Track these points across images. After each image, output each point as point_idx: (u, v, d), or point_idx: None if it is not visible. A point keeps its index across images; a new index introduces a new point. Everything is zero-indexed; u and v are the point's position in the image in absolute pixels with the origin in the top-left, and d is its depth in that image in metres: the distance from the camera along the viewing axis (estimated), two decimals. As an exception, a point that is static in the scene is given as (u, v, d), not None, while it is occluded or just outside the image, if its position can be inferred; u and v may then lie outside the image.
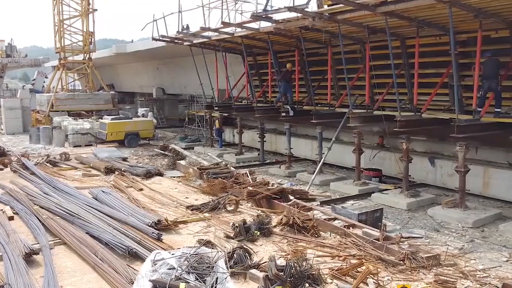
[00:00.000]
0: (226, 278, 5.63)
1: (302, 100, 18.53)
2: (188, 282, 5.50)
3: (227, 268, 6.35)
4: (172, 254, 6.16)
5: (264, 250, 8.71)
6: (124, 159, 18.79)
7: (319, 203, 12.76)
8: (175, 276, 5.57)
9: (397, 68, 15.20)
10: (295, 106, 17.41)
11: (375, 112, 14.70)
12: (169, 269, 5.72)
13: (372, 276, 7.02)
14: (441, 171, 14.32)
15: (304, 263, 6.65)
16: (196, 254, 6.06)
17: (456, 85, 11.27)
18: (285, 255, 8.21)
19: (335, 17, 12.99)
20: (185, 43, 21.12)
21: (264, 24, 15.61)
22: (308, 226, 9.40)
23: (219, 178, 14.40)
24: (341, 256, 8.09)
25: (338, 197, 13.67)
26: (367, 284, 6.96)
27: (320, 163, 15.02)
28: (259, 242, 9.13)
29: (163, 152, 20.26)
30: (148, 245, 8.37)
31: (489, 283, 7.67)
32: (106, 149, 21.46)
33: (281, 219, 9.86)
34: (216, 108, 21.59)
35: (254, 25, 16.02)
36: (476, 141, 12.80)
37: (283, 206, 11.63)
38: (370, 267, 7.01)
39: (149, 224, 9.39)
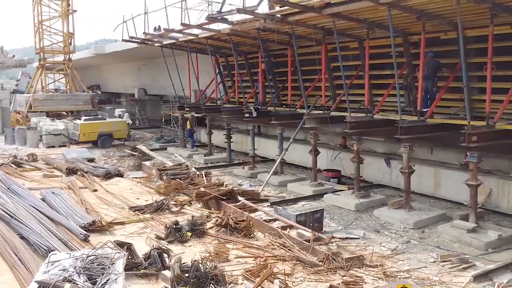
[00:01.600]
0: (116, 279, 5.66)
1: (269, 100, 18.60)
2: (76, 283, 5.54)
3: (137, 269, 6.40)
4: (71, 255, 6.19)
5: (191, 251, 8.75)
6: (91, 160, 18.82)
7: (269, 204, 12.82)
8: (64, 277, 5.61)
9: (356, 69, 15.35)
10: (259, 107, 17.44)
11: (332, 113, 14.78)
12: (61, 270, 5.75)
13: (278, 277, 7.05)
14: (396, 172, 14.30)
15: (209, 264, 6.67)
16: (93, 255, 6.10)
17: (397, 85, 11.32)
18: (207, 256, 8.24)
19: (287, 19, 13.06)
20: (156, 44, 21.20)
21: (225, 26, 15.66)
22: (240, 227, 9.42)
23: (177, 179, 14.47)
24: (262, 257, 8.12)
25: (292, 197, 13.71)
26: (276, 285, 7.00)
27: (276, 164, 15.07)
28: (190, 243, 9.17)
29: (133, 152, 20.29)
30: (73, 246, 8.40)
31: (406, 284, 7.70)
32: (77, 150, 21.52)
33: (217, 220, 9.90)
34: (187, 108, 21.64)
35: (216, 26, 16.07)
36: (431, 142, 12.85)
37: (230, 207, 11.66)
38: (273, 268, 7.04)
39: (83, 225, 9.43)
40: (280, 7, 12.39)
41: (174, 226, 9.20)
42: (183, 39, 18.93)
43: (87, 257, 6.04)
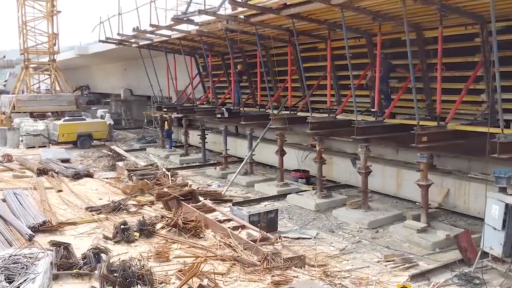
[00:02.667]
0: (34, 279, 5.71)
1: (247, 101, 18.67)
2: (-11, 282, 5.60)
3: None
4: (-4, 255, 6.26)
5: (135, 251, 8.79)
6: (66, 161, 18.86)
7: (231, 204, 12.87)
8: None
9: (324, 70, 15.40)
10: (231, 107, 17.49)
11: (299, 113, 14.83)
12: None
13: (208, 276, 7.10)
14: (362, 172, 14.40)
15: (138, 264, 6.73)
16: (17, 255, 6.15)
17: (353, 86, 11.39)
18: (148, 256, 8.30)
19: (249, 20, 13.10)
20: (133, 45, 21.27)
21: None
22: (189, 227, 9.47)
23: (144, 179, 14.54)
24: (202, 257, 8.18)
25: (257, 198, 13.77)
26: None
27: (241, 165, 15.12)
28: (136, 243, 9.23)
29: (109, 153, 20.36)
30: (18, 246, 8.44)
31: (340, 284, 7.76)
32: (55, 150, 21.55)
33: (167, 220, 9.95)
34: (165, 109, 21.70)
35: (186, 27, 16.12)
36: (386, 141, 12.92)
37: (188, 207, 11.71)
38: (200, 268, 7.09)
39: (32, 226, 9.48)
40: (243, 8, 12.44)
41: (122, 226, 9.25)
42: (158, 40, 19.00)
43: (9, 256, 6.09)
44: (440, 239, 9.55)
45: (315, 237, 10.33)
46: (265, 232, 9.52)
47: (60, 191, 13.78)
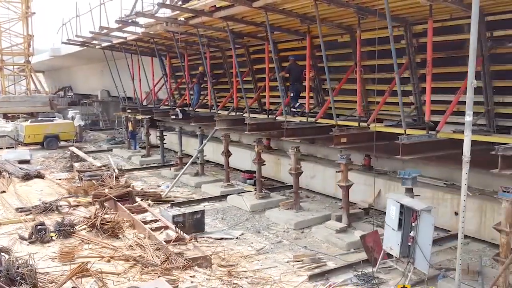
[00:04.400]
0: None
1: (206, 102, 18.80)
2: None
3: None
4: None
5: (46, 251, 8.90)
6: (25, 162, 18.94)
7: (169, 205, 12.98)
8: None
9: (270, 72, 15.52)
10: (185, 108, 17.61)
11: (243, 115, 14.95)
12: None
13: (96, 275, 7.21)
14: (306, 173, 14.47)
15: (20, 263, 6.84)
16: None
17: (280, 87, 11.53)
18: (54, 257, 8.41)
19: (188, 22, 13.21)
20: (97, 47, 21.38)
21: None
22: (107, 227, 9.58)
23: (92, 180, 14.64)
24: (105, 257, 8.28)
25: (199, 198, 13.86)
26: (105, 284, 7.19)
27: (187, 165, 15.22)
28: (51, 244, 9.32)
29: (71, 154, 20.44)
30: None
31: (237, 284, 7.86)
32: (20, 151, 21.64)
33: (88, 221, 10.06)
34: (129, 110, 21.82)
35: (134, 29, 16.23)
36: (313, 142, 13.08)
37: (122, 208, 11.82)
38: (84, 267, 7.20)
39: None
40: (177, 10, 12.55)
41: (39, 226, 9.34)
42: (116, 42, 19.11)
43: None
44: (355, 240, 9.63)
45: (237, 238, 10.42)
46: (182, 233, 9.62)
47: (4, 192, 13.87)
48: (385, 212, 11.72)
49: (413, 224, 7.68)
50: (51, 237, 9.35)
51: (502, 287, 7.13)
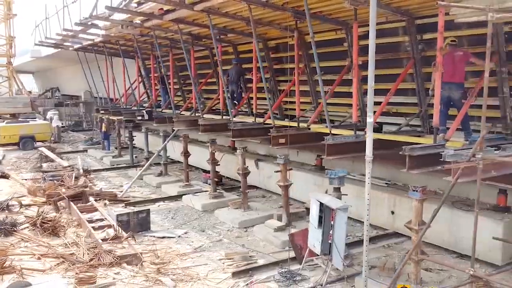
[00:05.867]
0: None
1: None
2: None
3: None
4: None
5: (-17, 250, 9.11)
6: (-5, 162, 19.20)
7: (123, 205, 13.19)
8: None
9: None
10: (152, 110, 17.83)
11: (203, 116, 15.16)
12: None
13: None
14: (263, 173, 14.71)
15: None
16: None
17: (192, 87, 11.74)
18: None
19: (143, 25, 13.44)
20: (70, 48, 21.64)
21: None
22: (47, 226, 9.80)
23: (54, 181, 14.87)
24: (35, 255, 8.50)
25: (155, 198, 14.07)
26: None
27: (146, 165, 15.43)
28: (-10, 242, 9.54)
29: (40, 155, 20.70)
30: None
31: (160, 280, 8.06)
32: (-6, 151, 21.90)
33: (30, 219, 10.27)
34: (102, 111, 22.04)
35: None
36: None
37: (73, 207, 12.03)
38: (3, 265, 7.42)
39: None
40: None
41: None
42: (86, 43, 19.35)
43: None
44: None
45: (179, 236, 10.63)
46: (120, 231, 9.84)
47: (-38, 191, 14.09)
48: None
49: (332, 222, 7.90)
50: (-9, 235, 9.55)
51: (414, 283, 7.37)
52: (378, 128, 11.16)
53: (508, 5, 5.87)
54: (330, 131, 9.10)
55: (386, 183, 11.27)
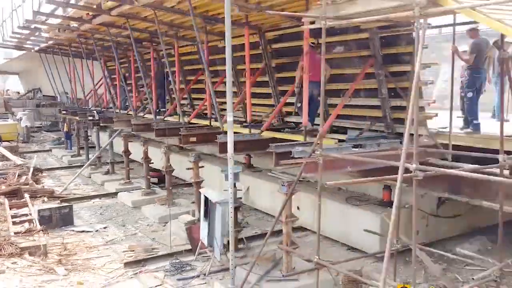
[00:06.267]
0: None
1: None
2: None
3: None
4: None
5: None
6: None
7: (59, 201, 13.70)
8: None
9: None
10: (101, 110, 18.37)
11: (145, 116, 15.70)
12: None
13: None
14: (202, 171, 15.15)
15: None
16: None
17: (122, 86, 12.27)
18: None
19: (80, 28, 13.96)
20: (34, 50, 22.20)
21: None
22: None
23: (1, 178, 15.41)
24: None
25: (93, 195, 14.58)
26: None
27: (87, 164, 15.94)
28: None
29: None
30: None
31: (53, 270, 8.57)
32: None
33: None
34: (64, 112, 22.58)
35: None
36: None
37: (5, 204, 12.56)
38: None
39: None
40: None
41: None
42: (44, 45, 19.88)
43: None
44: (198, 232, 10.33)
45: (97, 231, 11.14)
46: (35, 225, 10.36)
47: None
48: (256, 208, 12.58)
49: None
50: None
51: (285, 272, 7.88)
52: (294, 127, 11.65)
53: (342, 13, 6.38)
54: (223, 128, 9.61)
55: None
